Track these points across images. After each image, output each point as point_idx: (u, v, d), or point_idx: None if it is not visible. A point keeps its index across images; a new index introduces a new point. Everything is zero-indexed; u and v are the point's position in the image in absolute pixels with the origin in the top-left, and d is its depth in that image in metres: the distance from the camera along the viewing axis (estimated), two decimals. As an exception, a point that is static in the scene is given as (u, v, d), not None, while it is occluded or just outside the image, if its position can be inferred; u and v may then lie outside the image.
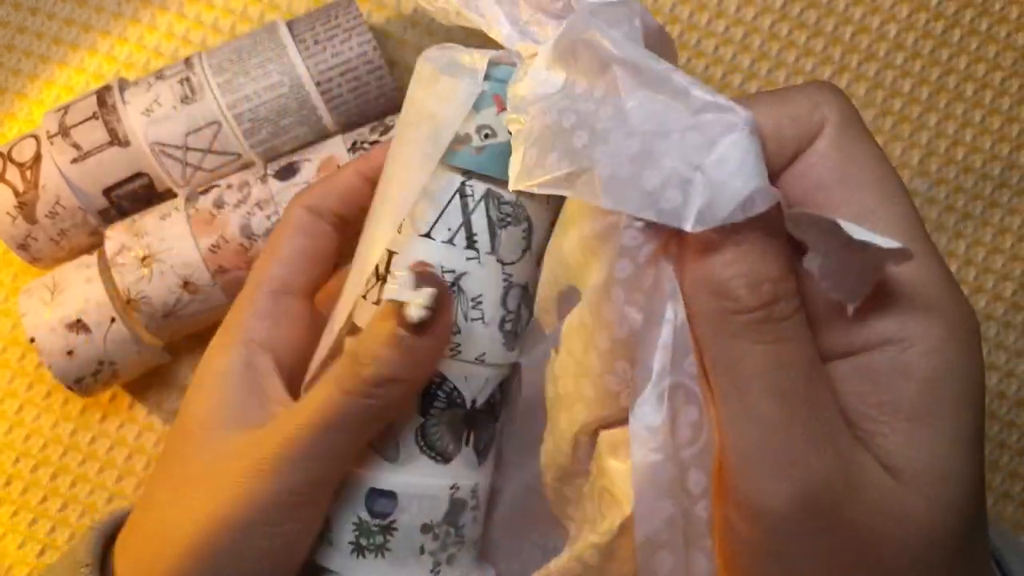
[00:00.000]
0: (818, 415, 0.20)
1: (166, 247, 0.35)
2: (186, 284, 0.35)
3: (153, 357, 0.37)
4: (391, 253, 0.26)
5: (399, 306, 0.23)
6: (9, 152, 0.36)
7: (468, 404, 0.26)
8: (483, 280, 0.25)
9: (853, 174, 0.20)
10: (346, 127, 0.37)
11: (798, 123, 0.21)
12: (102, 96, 0.36)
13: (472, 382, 0.26)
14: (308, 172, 0.35)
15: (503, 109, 0.25)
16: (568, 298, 0.25)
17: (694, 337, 0.21)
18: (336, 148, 0.36)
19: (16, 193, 0.35)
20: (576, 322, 0.24)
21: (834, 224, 0.18)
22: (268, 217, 0.35)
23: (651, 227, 0.21)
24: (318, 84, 0.35)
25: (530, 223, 0.26)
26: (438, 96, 0.25)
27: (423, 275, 0.24)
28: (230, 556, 0.25)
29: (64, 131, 0.35)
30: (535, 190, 0.23)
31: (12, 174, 0.35)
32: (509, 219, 0.25)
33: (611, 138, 0.21)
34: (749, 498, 0.20)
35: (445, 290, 0.23)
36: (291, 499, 0.24)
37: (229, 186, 0.36)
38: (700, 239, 0.20)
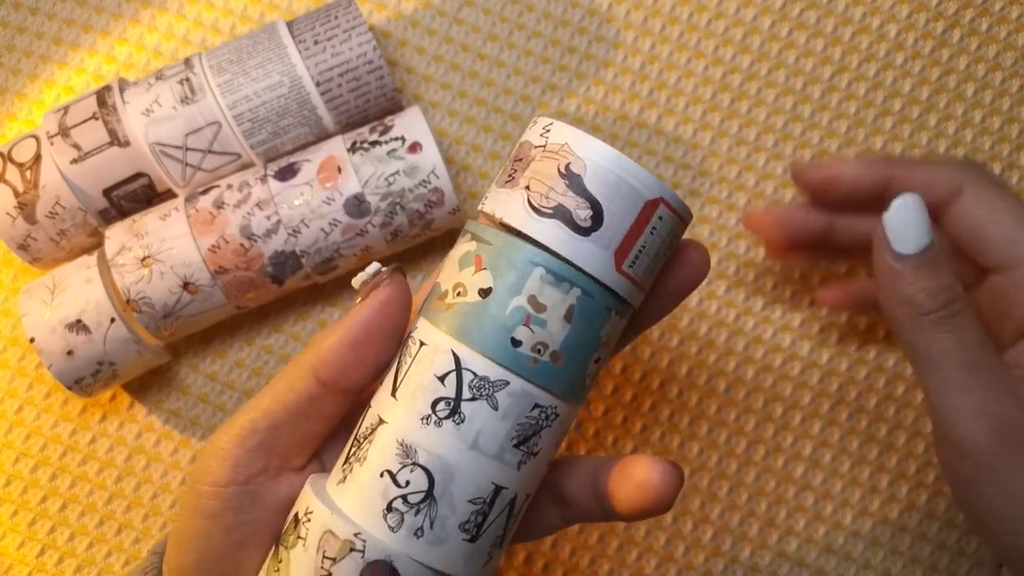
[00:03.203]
0: (993, 374, 0.28)
1: (166, 247, 0.35)
2: (186, 284, 0.35)
3: (153, 357, 0.37)
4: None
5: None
6: (9, 152, 0.36)
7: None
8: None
9: (995, 214, 0.31)
10: (346, 127, 0.37)
11: (943, 185, 0.31)
12: (102, 96, 0.36)
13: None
14: (308, 172, 0.35)
15: (481, 269, 0.25)
16: None
17: (897, 337, 0.30)
18: (336, 148, 0.36)
19: (16, 193, 0.35)
20: None
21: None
22: (268, 217, 0.35)
23: None
24: (318, 84, 0.35)
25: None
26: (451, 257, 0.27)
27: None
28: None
29: (64, 131, 0.35)
30: None
31: (12, 174, 0.35)
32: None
33: None
34: (961, 442, 0.28)
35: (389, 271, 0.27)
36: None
37: (229, 186, 0.36)
38: (888, 271, 0.29)
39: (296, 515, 0.26)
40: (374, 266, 0.26)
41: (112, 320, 0.35)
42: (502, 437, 0.25)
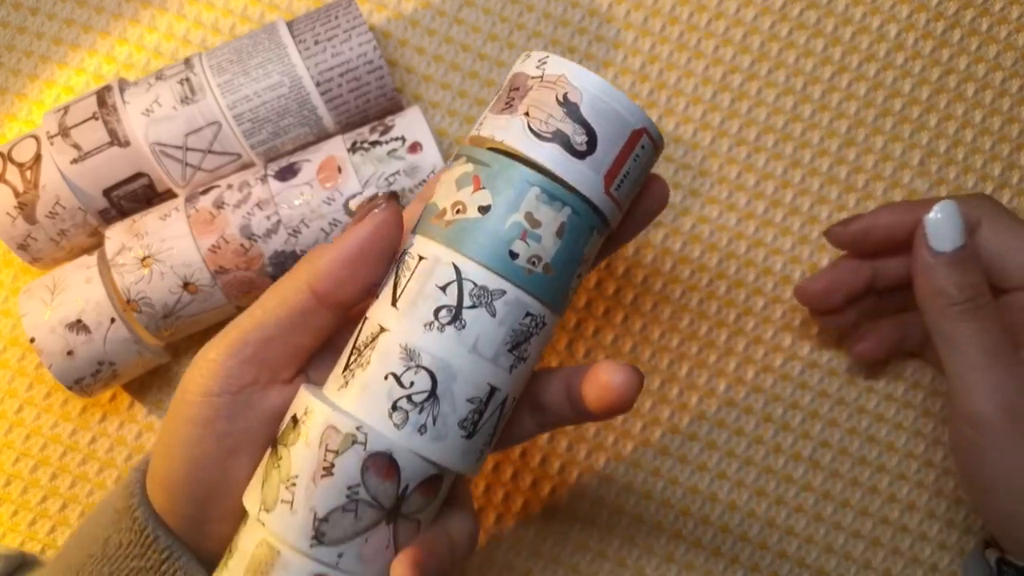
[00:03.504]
0: (1008, 361, 0.33)
1: (166, 247, 0.35)
2: (186, 284, 0.35)
3: (153, 357, 0.37)
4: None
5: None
6: (9, 152, 0.36)
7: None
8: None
9: (1011, 241, 0.35)
10: (346, 127, 0.37)
11: (965, 217, 0.34)
12: (102, 96, 0.36)
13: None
14: (308, 172, 0.35)
15: (480, 188, 0.27)
16: None
17: (928, 325, 0.34)
18: (336, 148, 0.36)
19: (16, 193, 0.35)
20: None
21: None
22: (268, 217, 0.35)
23: None
24: (318, 84, 0.35)
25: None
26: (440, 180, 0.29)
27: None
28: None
29: (64, 131, 0.35)
30: None
31: (12, 174, 0.35)
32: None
33: None
34: (974, 415, 0.33)
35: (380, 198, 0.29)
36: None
37: (229, 186, 0.36)
38: (925, 266, 0.34)
39: (295, 416, 0.27)
40: (371, 190, 0.28)
41: (112, 320, 0.35)
42: (498, 342, 0.27)
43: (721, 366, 0.41)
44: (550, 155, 0.27)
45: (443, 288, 0.27)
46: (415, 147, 0.35)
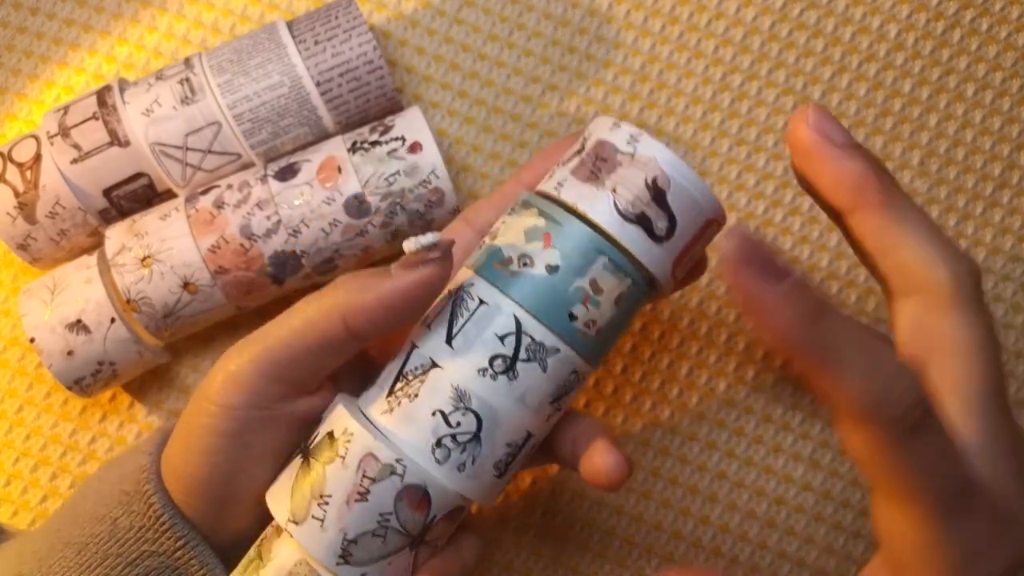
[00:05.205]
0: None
1: (166, 247, 0.35)
2: (186, 284, 0.35)
3: (153, 357, 0.37)
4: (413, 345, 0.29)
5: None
6: (9, 152, 0.36)
7: None
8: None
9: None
10: (346, 127, 0.37)
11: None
12: (102, 96, 0.36)
13: None
14: (308, 172, 0.35)
15: (550, 247, 0.28)
16: None
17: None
18: (336, 148, 0.36)
19: (16, 193, 0.35)
20: None
21: None
22: (268, 217, 0.35)
23: None
24: (318, 84, 0.35)
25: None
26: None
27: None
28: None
29: (64, 131, 0.35)
30: None
31: (12, 174, 0.35)
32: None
33: None
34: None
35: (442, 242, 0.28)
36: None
37: (229, 186, 0.36)
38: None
39: (332, 433, 0.28)
40: (432, 236, 0.27)
41: (112, 320, 0.35)
42: (544, 395, 0.28)
43: (721, 366, 0.41)
44: (631, 237, 0.28)
45: (501, 338, 0.28)
46: (415, 147, 0.35)
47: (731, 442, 0.41)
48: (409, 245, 0.27)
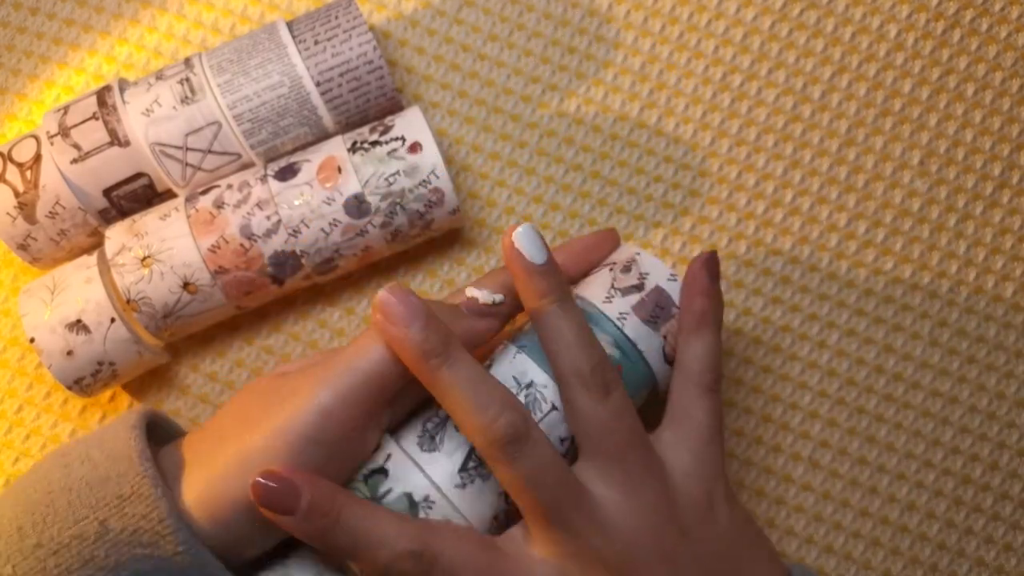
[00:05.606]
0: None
1: (166, 247, 0.35)
2: (186, 284, 0.35)
3: (153, 357, 0.37)
4: None
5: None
6: (9, 152, 0.36)
7: None
8: None
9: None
10: (346, 127, 0.37)
11: None
12: (102, 96, 0.36)
13: None
14: (308, 172, 0.35)
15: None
16: None
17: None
18: (336, 148, 0.36)
19: (16, 193, 0.35)
20: None
21: None
22: (268, 217, 0.35)
23: None
24: (318, 84, 0.35)
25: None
26: None
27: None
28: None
29: (64, 131, 0.35)
30: None
31: (12, 174, 0.35)
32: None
33: None
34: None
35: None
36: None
37: (229, 186, 0.36)
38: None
39: (411, 496, 0.31)
40: (498, 297, 0.33)
41: (112, 320, 0.35)
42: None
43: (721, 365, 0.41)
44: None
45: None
46: (415, 147, 0.35)
47: (731, 441, 0.41)
48: (484, 298, 0.33)
